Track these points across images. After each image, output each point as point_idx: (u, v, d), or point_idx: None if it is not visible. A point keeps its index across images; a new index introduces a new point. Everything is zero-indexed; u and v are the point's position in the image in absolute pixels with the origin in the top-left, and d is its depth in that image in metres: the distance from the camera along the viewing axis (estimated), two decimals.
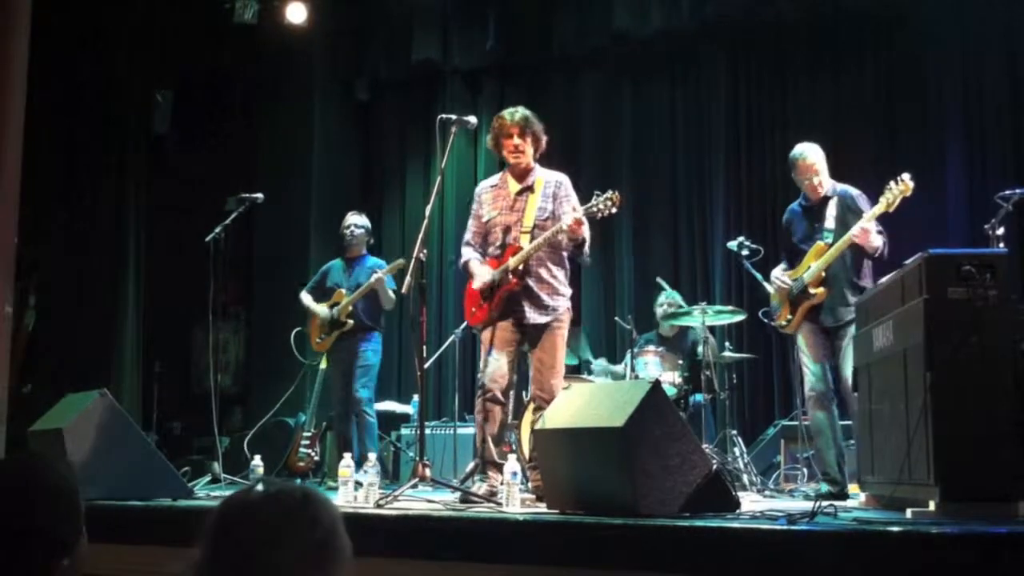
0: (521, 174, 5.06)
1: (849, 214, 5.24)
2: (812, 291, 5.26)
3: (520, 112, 5.06)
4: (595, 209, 4.81)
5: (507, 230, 4.98)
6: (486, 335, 4.94)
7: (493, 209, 5.05)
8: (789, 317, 5.41)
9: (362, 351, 6.67)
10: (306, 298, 6.93)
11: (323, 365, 6.94)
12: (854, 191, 5.34)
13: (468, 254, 5.10)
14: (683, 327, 7.35)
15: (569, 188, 5.07)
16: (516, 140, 4.98)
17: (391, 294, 6.69)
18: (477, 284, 4.96)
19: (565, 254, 5.01)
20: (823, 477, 5.27)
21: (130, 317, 8.86)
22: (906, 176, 5.00)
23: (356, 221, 6.98)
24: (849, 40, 8.15)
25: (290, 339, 7.00)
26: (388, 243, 9.61)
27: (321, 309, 6.76)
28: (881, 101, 8.01)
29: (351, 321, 6.65)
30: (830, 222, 5.26)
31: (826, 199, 5.34)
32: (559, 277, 4.99)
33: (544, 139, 5.10)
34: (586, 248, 4.95)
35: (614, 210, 4.83)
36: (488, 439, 4.84)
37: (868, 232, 5.06)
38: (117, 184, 8.97)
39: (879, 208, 5.06)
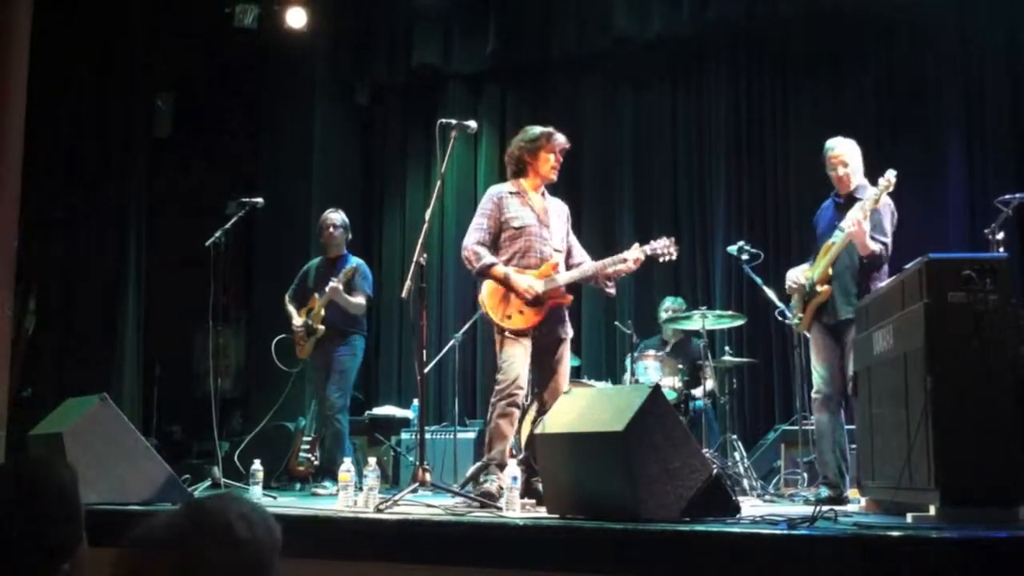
0: (541, 192, 5.23)
1: (876, 222, 5.16)
2: (818, 288, 5.27)
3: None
4: (658, 252, 5.14)
5: (540, 242, 5.08)
6: (519, 343, 4.96)
7: (523, 217, 5.09)
8: (800, 315, 5.41)
9: (338, 356, 6.46)
10: (289, 305, 6.75)
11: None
12: (888, 202, 5.23)
13: (490, 257, 5.06)
14: (687, 333, 7.34)
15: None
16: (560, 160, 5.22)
17: (355, 300, 6.41)
18: (532, 293, 4.95)
19: None
20: (822, 481, 5.26)
21: (130, 321, 8.86)
22: (890, 173, 5.04)
23: (334, 221, 6.67)
24: (850, 42, 8.15)
25: (286, 344, 6.84)
26: (388, 247, 9.63)
27: (296, 319, 6.59)
28: (882, 104, 8.01)
29: (322, 327, 6.43)
30: (846, 221, 5.22)
31: (854, 199, 5.31)
32: None
33: None
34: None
35: (673, 256, 5.19)
36: (508, 442, 4.89)
37: (863, 230, 5.03)
38: (118, 188, 8.98)
39: (868, 204, 5.07)
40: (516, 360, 4.91)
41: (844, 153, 5.39)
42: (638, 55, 8.76)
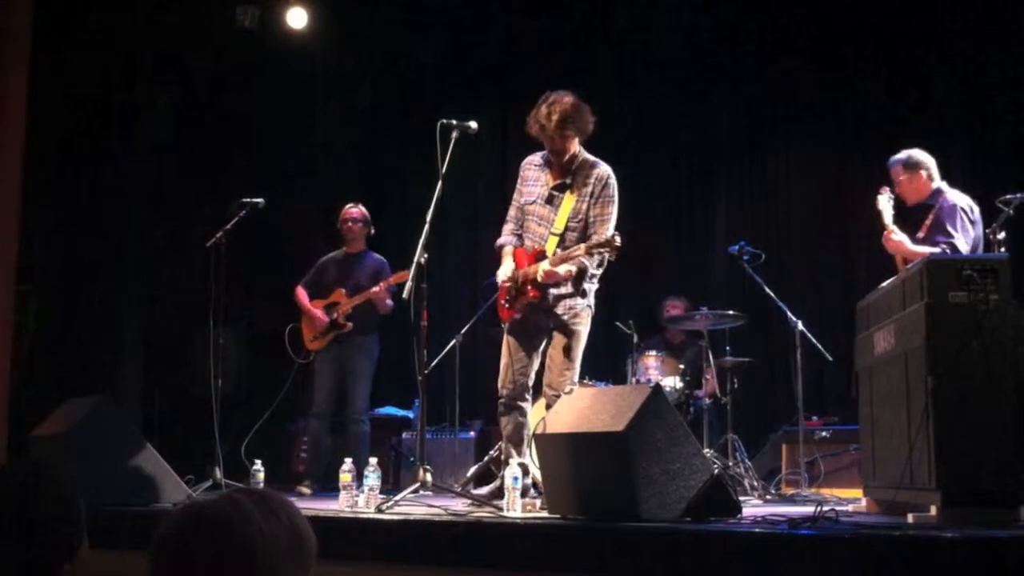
0: (563, 166, 4.85)
1: (938, 224, 5.10)
2: None
3: (558, 112, 4.68)
4: (596, 254, 4.59)
5: (537, 223, 4.86)
6: (508, 337, 4.90)
7: (532, 193, 4.90)
8: None
9: (360, 357, 6.47)
10: (302, 296, 6.69)
11: None
12: (951, 202, 5.13)
13: (505, 238, 4.99)
14: (689, 333, 7.32)
15: (612, 187, 4.77)
16: (557, 141, 4.75)
17: (389, 302, 6.49)
18: (500, 281, 4.87)
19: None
20: None
21: (131, 322, 8.86)
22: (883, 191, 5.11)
23: (354, 215, 6.80)
24: (851, 44, 8.15)
25: (291, 338, 6.74)
26: (390, 248, 9.61)
27: (318, 316, 6.52)
28: (883, 104, 8.00)
29: (351, 324, 6.45)
30: (921, 232, 5.16)
31: (928, 208, 5.22)
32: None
33: (592, 123, 4.76)
34: (590, 279, 4.78)
35: (611, 257, 4.55)
36: (508, 444, 4.85)
37: (895, 242, 5.00)
38: (118, 189, 8.98)
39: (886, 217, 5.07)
40: (503, 356, 4.88)
41: (893, 168, 5.32)
42: (639, 55, 8.76)
